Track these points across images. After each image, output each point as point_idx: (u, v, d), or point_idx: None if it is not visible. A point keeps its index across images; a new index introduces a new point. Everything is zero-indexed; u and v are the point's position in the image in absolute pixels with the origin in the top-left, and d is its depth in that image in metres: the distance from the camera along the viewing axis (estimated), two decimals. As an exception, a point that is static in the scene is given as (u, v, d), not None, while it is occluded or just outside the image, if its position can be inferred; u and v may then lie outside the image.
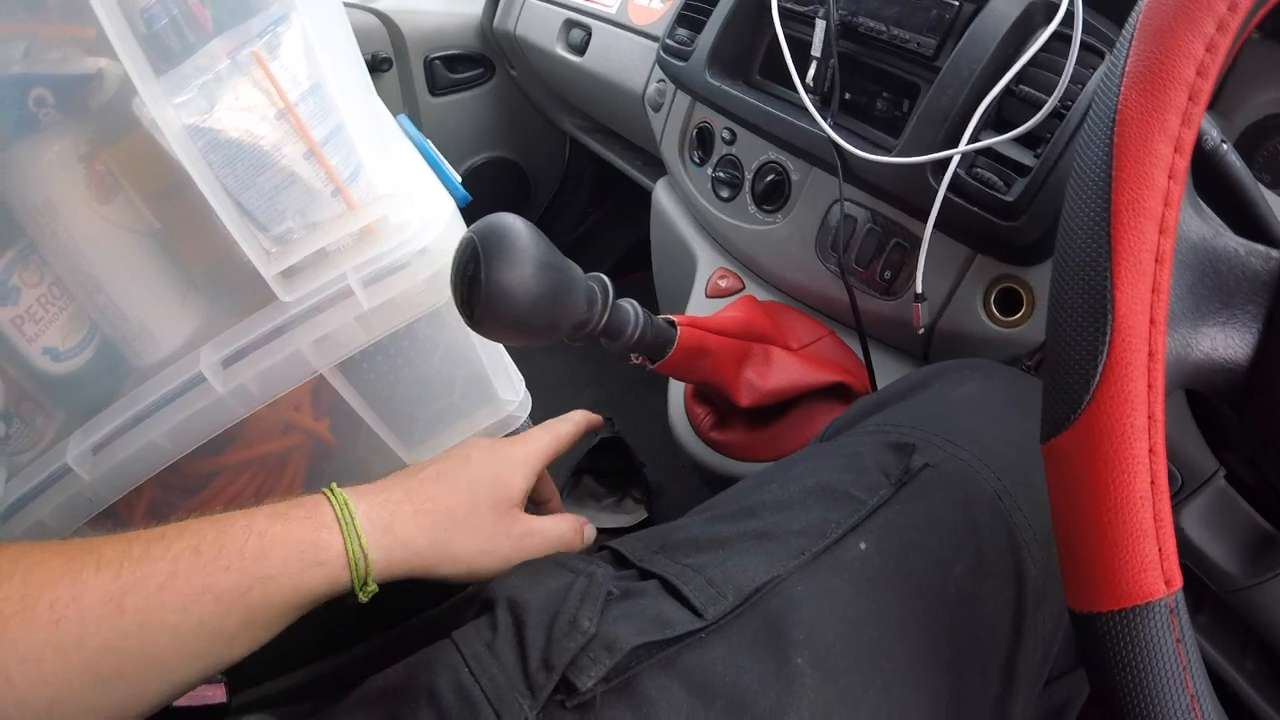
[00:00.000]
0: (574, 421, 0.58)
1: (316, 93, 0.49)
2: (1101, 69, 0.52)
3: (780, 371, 0.70)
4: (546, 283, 0.41)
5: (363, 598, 0.41)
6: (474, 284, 0.40)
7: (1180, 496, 0.55)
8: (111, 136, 0.50)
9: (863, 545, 0.42)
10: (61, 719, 0.34)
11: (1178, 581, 0.28)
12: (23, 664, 0.33)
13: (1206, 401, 0.52)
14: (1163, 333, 0.28)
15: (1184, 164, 0.28)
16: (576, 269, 0.47)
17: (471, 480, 0.48)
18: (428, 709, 0.37)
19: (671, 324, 0.59)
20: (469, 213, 0.50)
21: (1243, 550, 0.54)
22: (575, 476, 1.12)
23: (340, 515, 0.41)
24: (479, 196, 1.50)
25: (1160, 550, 0.28)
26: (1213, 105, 0.62)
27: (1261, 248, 0.33)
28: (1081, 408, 0.28)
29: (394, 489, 0.45)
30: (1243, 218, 0.40)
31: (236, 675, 0.51)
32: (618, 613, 0.39)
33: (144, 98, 0.44)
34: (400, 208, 0.51)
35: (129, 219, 0.52)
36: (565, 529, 0.50)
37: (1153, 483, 0.28)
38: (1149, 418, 0.28)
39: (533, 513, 0.51)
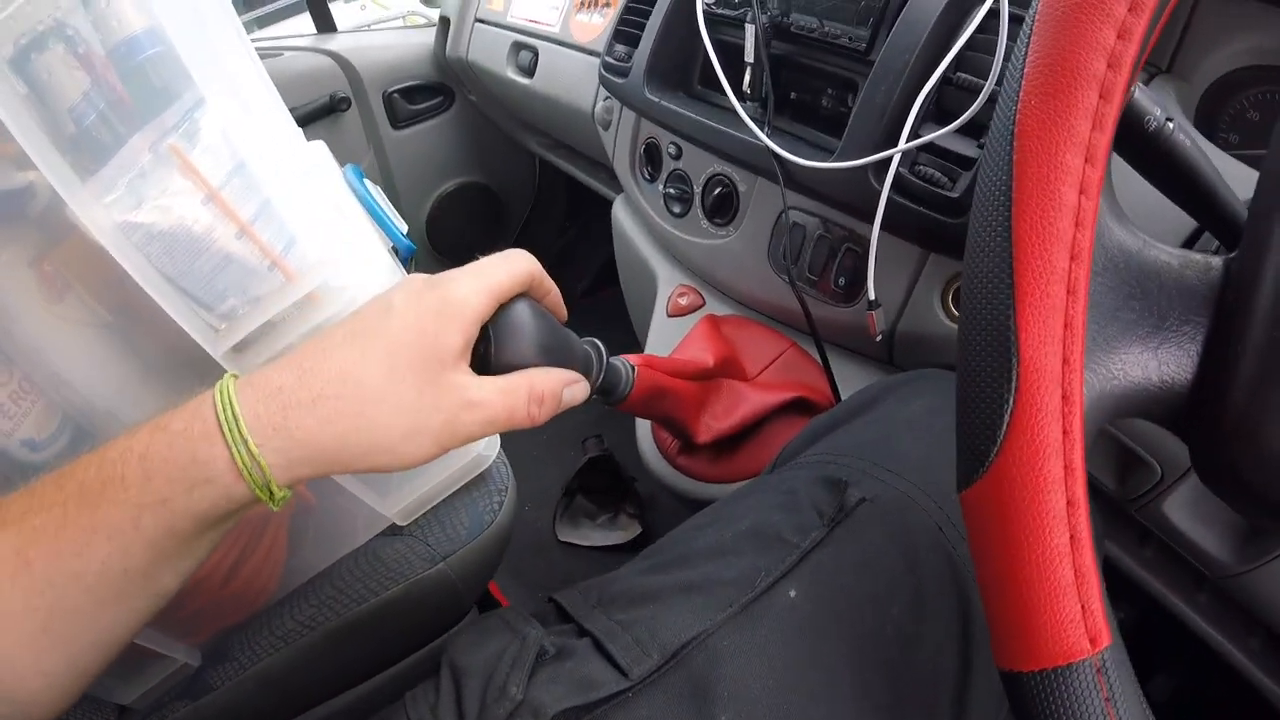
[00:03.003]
0: (526, 257, 0.43)
1: (240, 172, 0.50)
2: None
3: (736, 406, 0.71)
4: (547, 359, 0.43)
5: (275, 507, 0.35)
6: (484, 363, 0.42)
7: (1160, 488, 0.53)
8: (54, 239, 0.51)
9: (792, 593, 0.42)
10: (7, 685, 0.33)
11: (1104, 639, 0.26)
12: None
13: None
14: (1079, 372, 0.25)
15: (1097, 175, 0.24)
16: (575, 342, 0.49)
17: (390, 338, 0.36)
18: None
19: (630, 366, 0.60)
20: (447, 243, 0.49)
21: (1234, 536, 0.52)
22: (567, 497, 1.13)
23: (223, 420, 0.34)
24: (453, 223, 1.52)
25: (1084, 608, 0.25)
26: (1169, 69, 0.59)
27: (1199, 257, 0.29)
28: (989, 459, 0.26)
29: (290, 369, 0.36)
30: (1198, 202, 0.37)
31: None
32: (547, 676, 0.40)
33: (72, 206, 0.45)
34: (339, 271, 0.52)
35: (83, 315, 0.53)
36: (513, 403, 0.39)
37: (1072, 538, 0.25)
38: (1065, 468, 0.25)
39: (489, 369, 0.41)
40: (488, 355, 0.42)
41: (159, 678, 0.62)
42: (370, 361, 0.36)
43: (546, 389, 0.40)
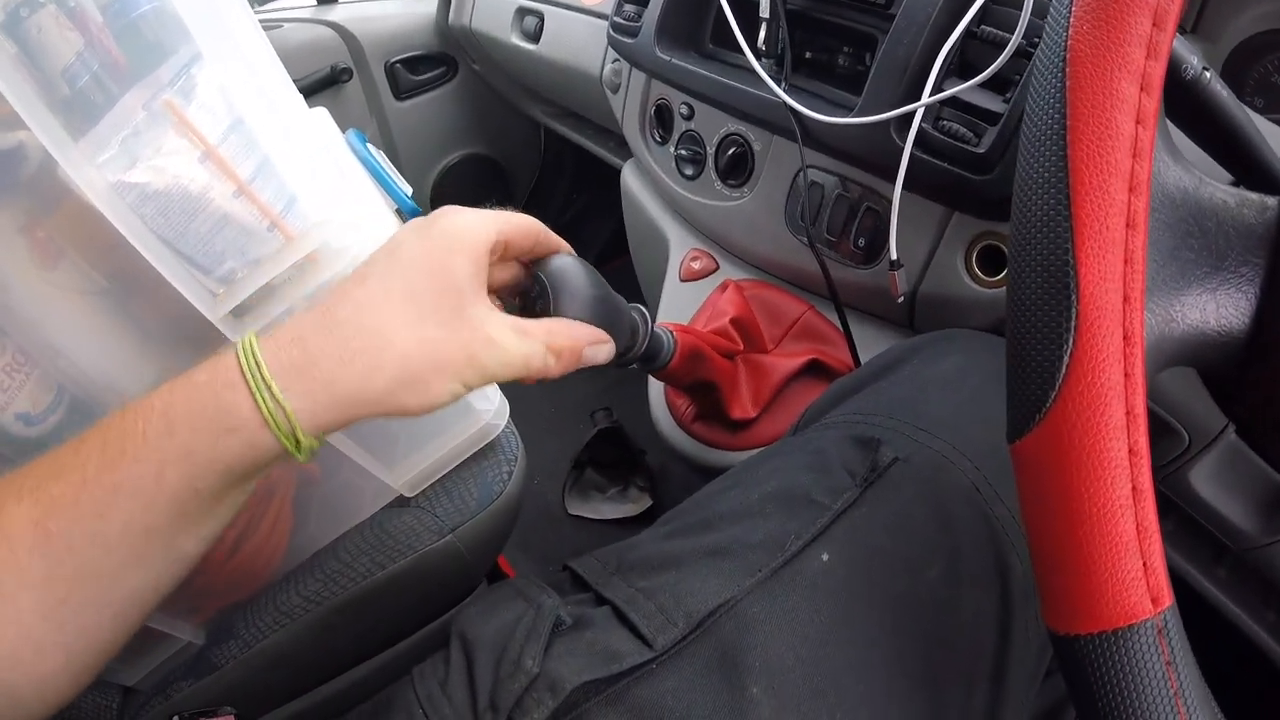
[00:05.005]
0: (525, 218, 0.43)
1: (238, 129, 0.48)
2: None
3: (763, 390, 0.71)
4: (602, 317, 0.43)
5: (303, 458, 0.34)
6: (543, 318, 0.42)
7: (1186, 457, 0.51)
8: (46, 205, 0.49)
9: (825, 556, 0.40)
10: (28, 663, 0.31)
11: (1166, 599, 0.24)
12: None
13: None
14: (1140, 310, 0.24)
15: (1153, 104, 0.23)
16: (625, 304, 0.48)
17: (404, 273, 0.36)
18: None
19: (670, 334, 0.60)
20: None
21: (1258, 507, 0.51)
22: (577, 470, 1.12)
23: (245, 368, 0.33)
24: (458, 197, 1.50)
25: (1145, 565, 0.24)
26: (1194, 29, 0.58)
27: (1255, 196, 0.28)
28: (1047, 405, 0.24)
29: (308, 316, 0.36)
30: (1235, 155, 0.36)
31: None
32: (564, 647, 0.38)
33: (64, 166, 0.43)
34: (339, 232, 0.50)
35: (78, 282, 0.52)
36: (529, 350, 0.37)
37: (1134, 489, 0.24)
38: (1127, 413, 0.24)
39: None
40: (545, 307, 0.42)
41: (163, 658, 0.61)
42: (388, 298, 0.35)
43: (565, 343, 0.39)
